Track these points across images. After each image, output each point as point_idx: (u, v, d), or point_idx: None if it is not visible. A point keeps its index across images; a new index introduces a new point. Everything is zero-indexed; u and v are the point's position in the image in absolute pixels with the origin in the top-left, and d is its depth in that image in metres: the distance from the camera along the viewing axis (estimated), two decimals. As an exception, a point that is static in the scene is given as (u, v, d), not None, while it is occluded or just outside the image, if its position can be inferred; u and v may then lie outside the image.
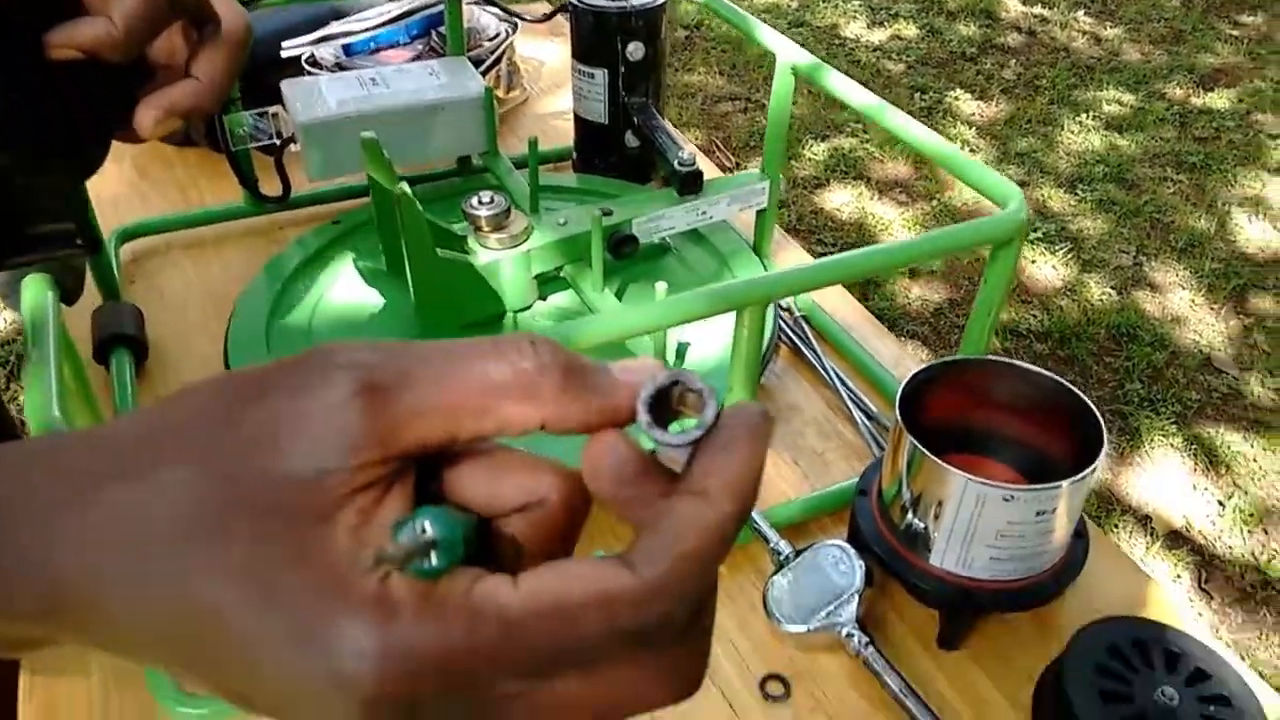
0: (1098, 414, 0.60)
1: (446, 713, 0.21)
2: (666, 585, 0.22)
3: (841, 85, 0.76)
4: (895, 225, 2.50)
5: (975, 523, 0.58)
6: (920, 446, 0.59)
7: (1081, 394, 0.62)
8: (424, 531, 0.21)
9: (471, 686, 0.21)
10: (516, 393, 0.23)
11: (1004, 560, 0.59)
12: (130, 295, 0.91)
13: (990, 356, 0.65)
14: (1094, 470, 0.57)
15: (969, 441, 0.68)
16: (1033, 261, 2.38)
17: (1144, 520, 1.78)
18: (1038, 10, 3.68)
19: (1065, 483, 0.56)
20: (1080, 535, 0.64)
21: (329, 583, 0.20)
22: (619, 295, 0.85)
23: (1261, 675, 1.55)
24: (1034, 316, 2.22)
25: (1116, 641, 0.58)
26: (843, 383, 0.84)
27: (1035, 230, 2.47)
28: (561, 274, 0.84)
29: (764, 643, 0.64)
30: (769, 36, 0.83)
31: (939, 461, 0.58)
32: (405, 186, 0.71)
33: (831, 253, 2.47)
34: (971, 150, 2.80)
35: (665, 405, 0.26)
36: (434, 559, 0.21)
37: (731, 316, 0.58)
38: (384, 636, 0.20)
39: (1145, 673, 0.57)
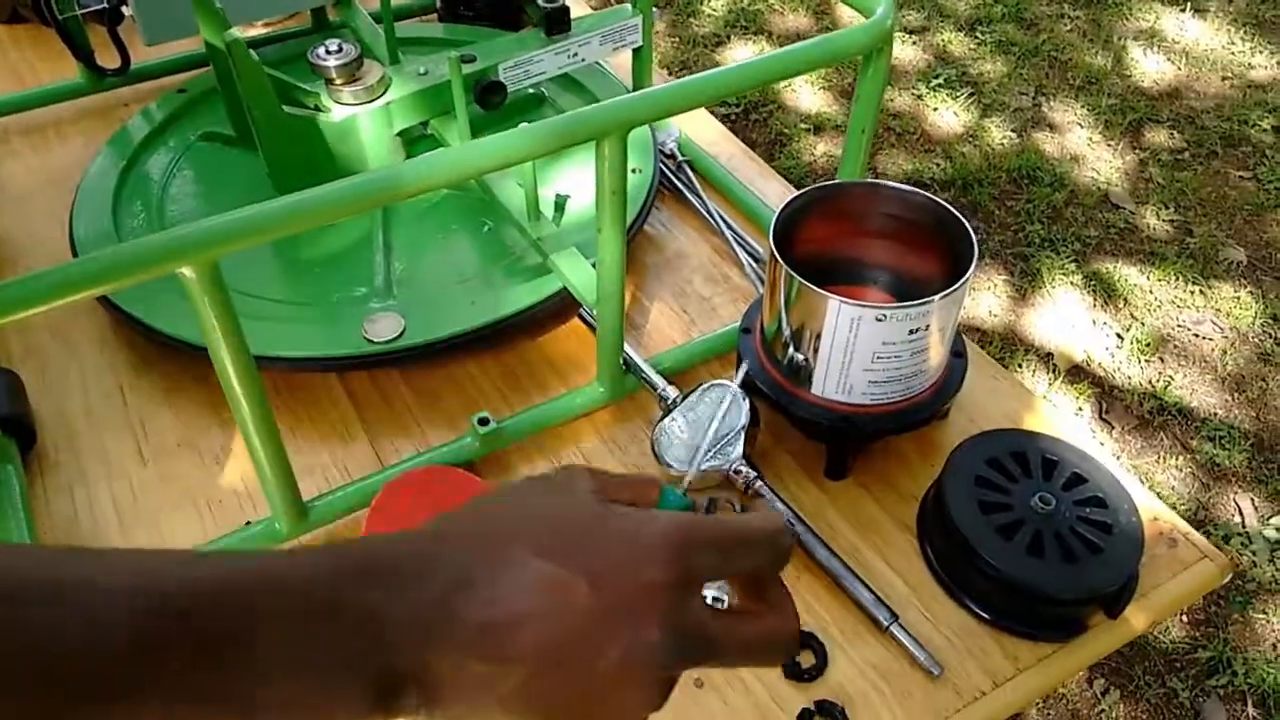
0: (968, 227, 0.59)
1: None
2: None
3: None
4: (799, 81, 2.45)
5: (851, 347, 0.57)
6: (794, 274, 0.57)
7: (952, 208, 0.61)
8: None
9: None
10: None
11: (882, 383, 0.59)
12: (-35, 188, 0.84)
13: (862, 180, 0.64)
14: (964, 283, 0.57)
15: (847, 271, 0.67)
16: (934, 109, 2.36)
17: (1046, 357, 1.82)
18: None
19: (936, 298, 0.55)
20: (959, 354, 0.64)
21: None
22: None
23: (1159, 497, 1.63)
24: (936, 165, 2.22)
25: (995, 454, 0.59)
26: (729, 226, 0.82)
27: (936, 76, 2.45)
28: (429, 130, 0.80)
29: (656, 488, 0.63)
30: None
31: (812, 287, 0.56)
32: (235, 33, 0.65)
33: (735, 113, 2.42)
34: (872, -1, 2.74)
35: None
36: None
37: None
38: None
39: (1023, 481, 0.58)
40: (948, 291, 0.56)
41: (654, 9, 0.84)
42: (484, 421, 0.63)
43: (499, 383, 0.71)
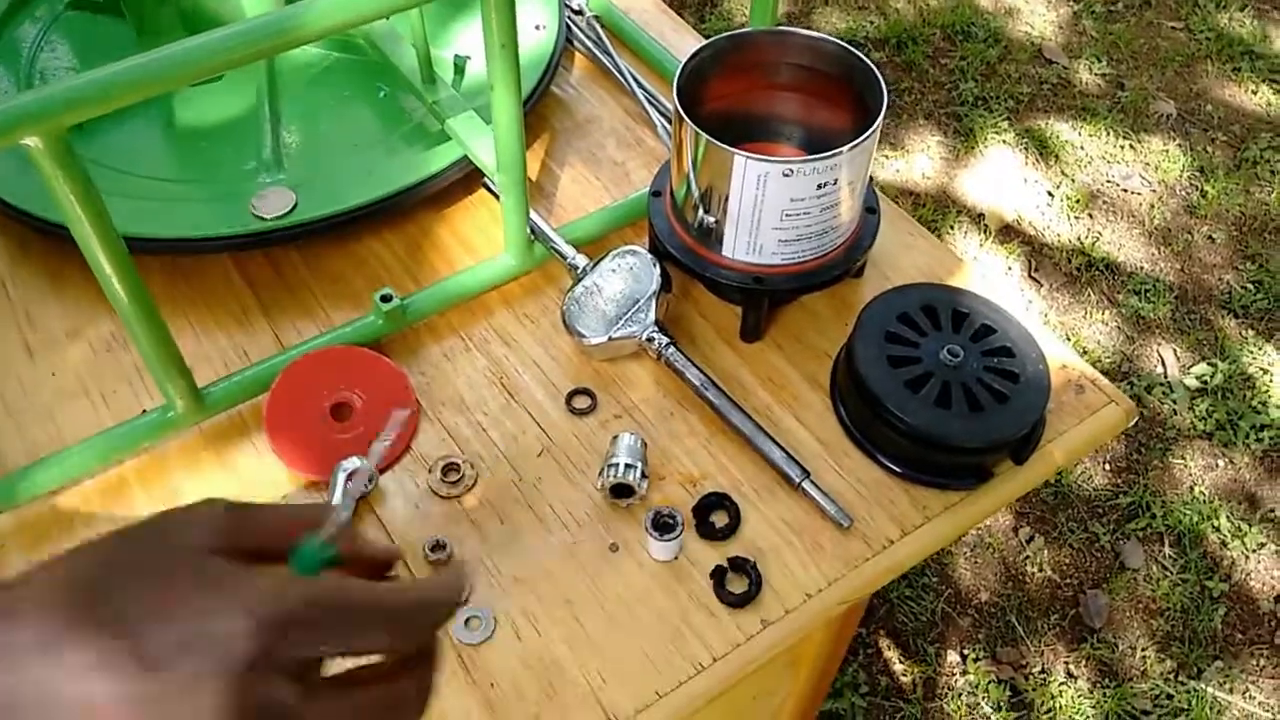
0: (878, 75, 0.57)
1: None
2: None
3: None
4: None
5: (760, 205, 0.56)
6: (700, 131, 0.55)
7: (863, 57, 0.58)
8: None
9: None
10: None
11: (792, 241, 0.57)
12: None
13: (770, 29, 0.61)
14: (873, 134, 0.55)
15: (759, 131, 0.65)
16: (869, -36, 2.29)
17: (978, 218, 1.83)
18: None
19: (844, 149, 0.53)
20: (872, 210, 0.63)
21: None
22: None
23: (1084, 351, 1.66)
24: (871, 23, 2.16)
25: (905, 309, 0.59)
26: (641, 86, 0.78)
27: (871, -71, 2.37)
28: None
29: (569, 359, 0.62)
30: None
31: (717, 144, 0.54)
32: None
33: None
34: None
35: None
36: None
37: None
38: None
39: (933, 334, 0.58)
40: (855, 143, 0.54)
41: None
42: (386, 299, 0.61)
43: (404, 258, 0.68)
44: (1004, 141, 1.96)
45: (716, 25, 2.15)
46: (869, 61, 0.58)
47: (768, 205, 0.56)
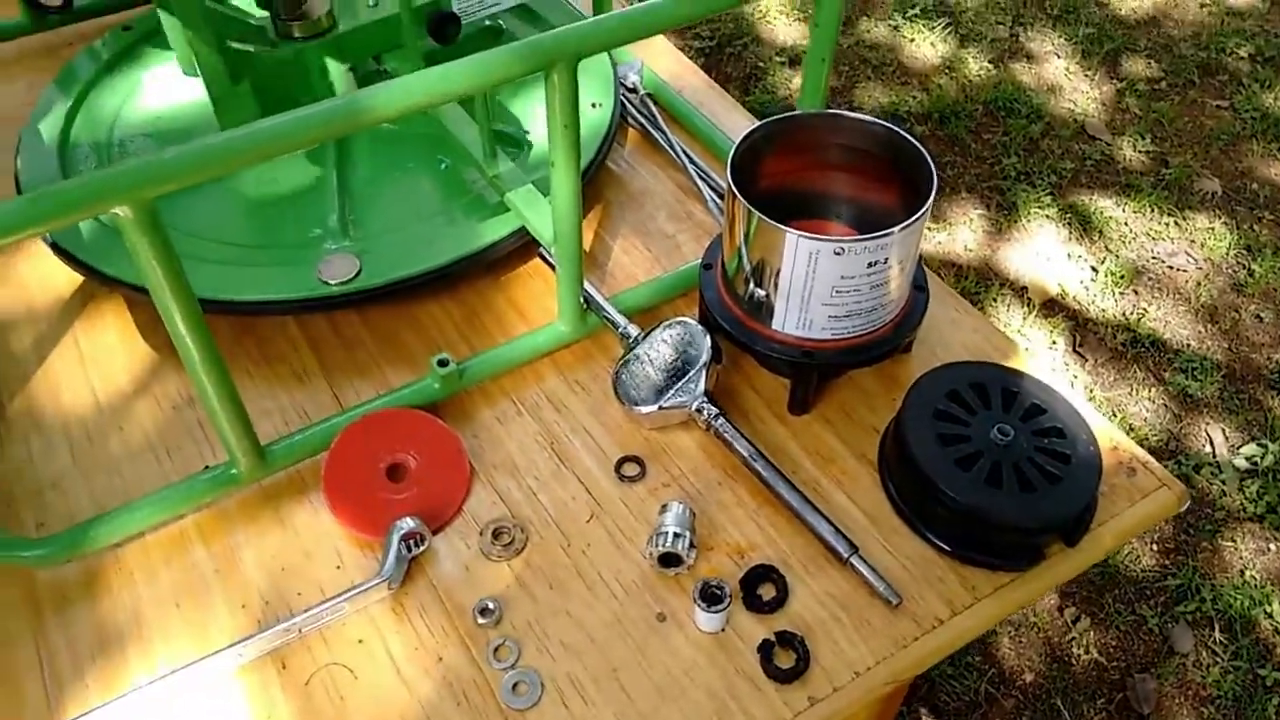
0: (928, 157, 0.58)
1: None
2: None
3: None
4: (772, 11, 2.41)
5: (810, 281, 0.57)
6: (751, 208, 0.56)
7: (913, 140, 0.60)
8: None
9: None
10: None
11: (842, 318, 0.58)
12: (-94, 132, 0.81)
13: (821, 110, 0.63)
14: (923, 215, 0.56)
15: (808, 205, 0.66)
16: (911, 40, 2.33)
17: (1021, 291, 1.83)
18: None
19: (895, 230, 0.55)
20: (920, 288, 0.64)
21: None
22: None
23: (1130, 429, 1.64)
24: (914, 98, 2.19)
25: (954, 386, 0.59)
26: (692, 161, 0.80)
27: (913, 6, 2.41)
28: (384, 66, 0.78)
29: (619, 427, 0.63)
30: None
31: (769, 221, 0.56)
32: (174, -32, 0.62)
33: (709, 47, 2.37)
34: (849, -73, 2.68)
35: None
36: None
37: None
38: None
39: (982, 413, 0.58)
40: (906, 223, 0.55)
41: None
42: (444, 363, 0.63)
43: (460, 323, 0.70)
44: (1047, 216, 1.96)
45: (761, 98, 2.19)
46: (919, 144, 0.60)
47: (819, 282, 0.57)
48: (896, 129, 0.60)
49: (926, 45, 2.34)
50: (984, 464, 0.55)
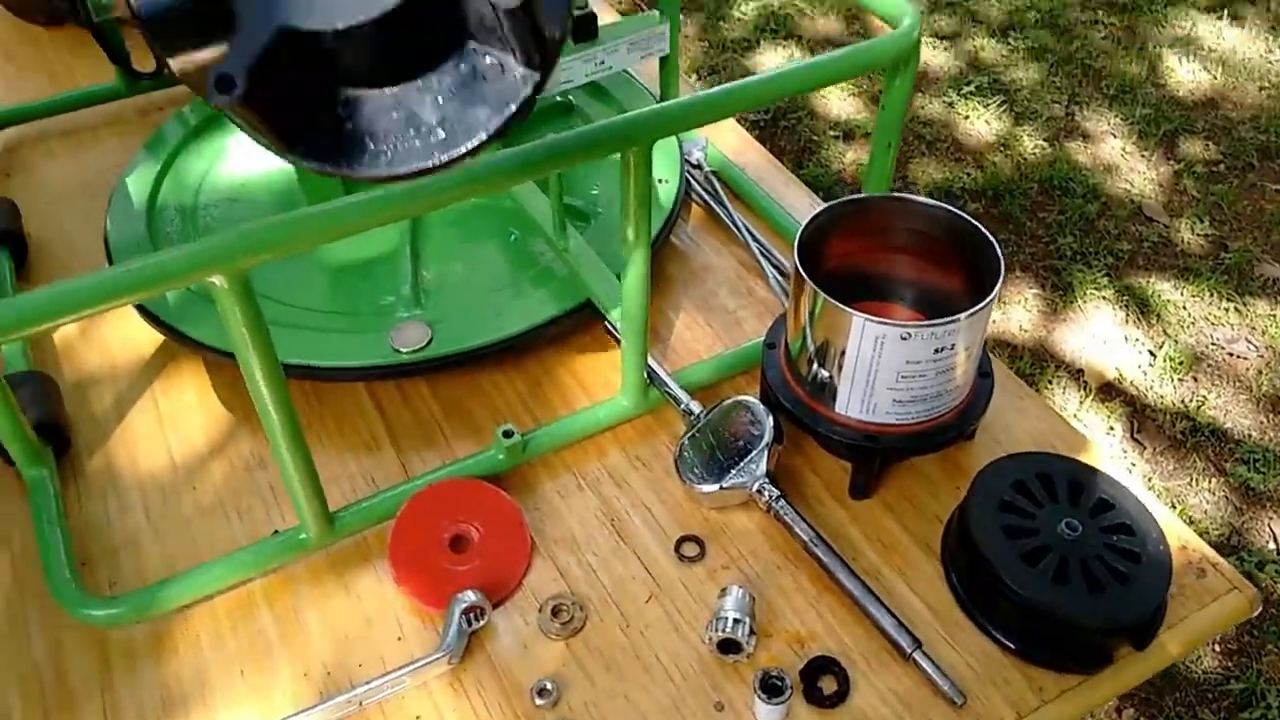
0: (995, 244, 0.59)
1: None
2: None
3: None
4: (827, 87, 2.45)
5: (876, 365, 0.57)
6: (818, 290, 0.57)
7: (978, 225, 0.60)
8: None
9: None
10: None
11: (907, 403, 0.58)
12: (4, 189, 0.85)
13: (888, 194, 0.63)
14: (990, 302, 0.56)
15: (872, 287, 0.66)
16: (965, 117, 2.35)
17: (1077, 374, 1.80)
18: None
19: (962, 316, 0.55)
20: (985, 374, 0.63)
21: None
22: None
23: (1190, 520, 1.60)
24: (968, 175, 2.20)
25: (1021, 477, 0.59)
26: (754, 238, 0.81)
27: (968, 83, 2.43)
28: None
29: (679, 506, 0.63)
30: None
31: (836, 304, 0.56)
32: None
33: (764, 119, 2.41)
34: (905, 6, 2.72)
35: None
36: None
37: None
38: None
39: (1049, 506, 0.57)
40: (973, 310, 0.55)
41: (682, 14, 0.84)
42: (509, 434, 0.63)
43: (523, 393, 0.71)
44: (1104, 298, 1.94)
45: (815, 171, 2.22)
46: (985, 230, 0.60)
47: (884, 366, 0.57)
48: (963, 215, 0.61)
49: (981, 122, 2.35)
50: (1051, 559, 0.54)
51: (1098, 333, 1.88)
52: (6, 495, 0.64)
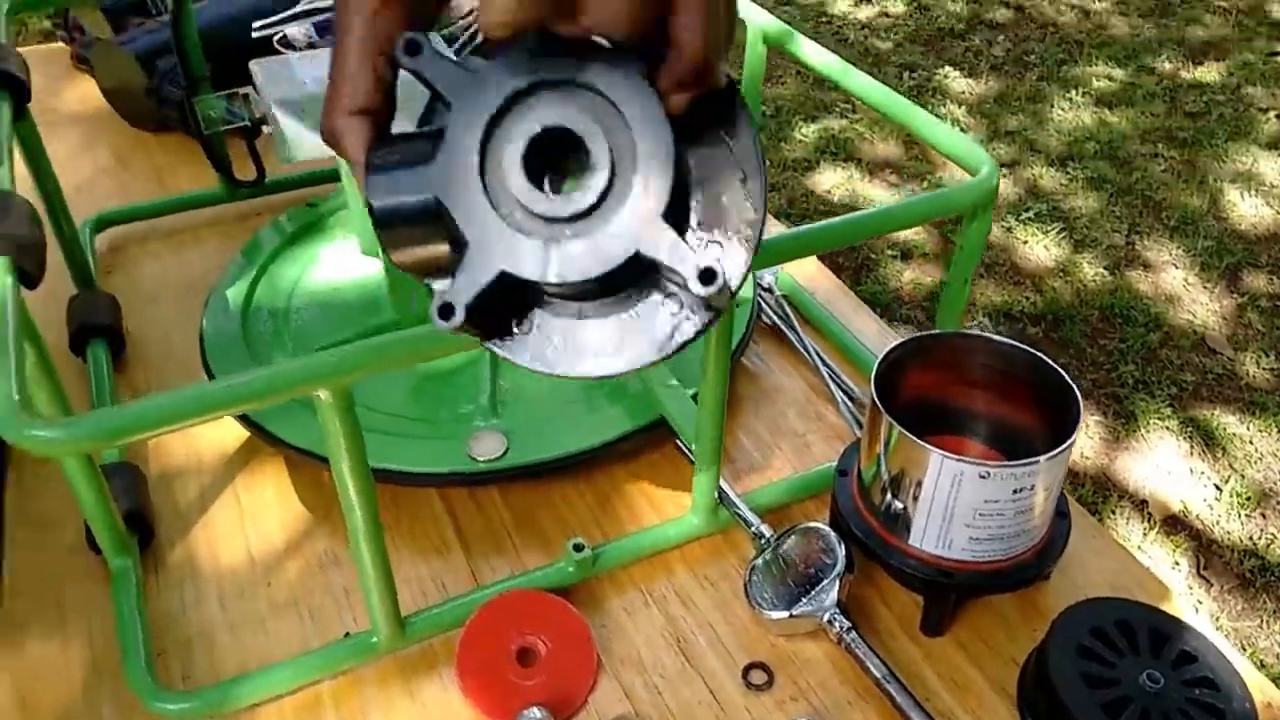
0: (1074, 387, 0.59)
1: None
2: None
3: (810, 51, 0.75)
4: (887, 207, 2.49)
5: (953, 502, 0.57)
6: (895, 424, 0.58)
7: (1057, 367, 0.61)
8: None
9: None
10: None
11: (984, 540, 0.58)
12: (108, 285, 0.90)
13: (965, 331, 0.64)
14: (1070, 445, 0.56)
15: (947, 419, 0.67)
16: (1024, 242, 2.37)
17: (1141, 505, 1.77)
18: (1030, -12, 3.65)
19: (1042, 458, 0.55)
20: (1063, 514, 0.63)
21: None
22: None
23: (1261, 664, 1.54)
24: (1026, 299, 2.20)
25: (1100, 624, 0.58)
26: (824, 363, 0.83)
27: (1027, 210, 2.46)
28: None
29: (746, 630, 0.63)
30: (740, 5, 0.82)
31: (914, 439, 0.57)
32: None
33: (823, 236, 2.45)
34: (961, 129, 2.78)
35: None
36: None
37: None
38: None
39: (1130, 656, 0.56)
40: (1054, 453, 0.56)
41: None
42: (579, 548, 0.64)
43: (593, 506, 0.72)
44: (1167, 428, 1.92)
45: (872, 288, 2.24)
46: (1063, 371, 0.61)
47: (961, 503, 0.57)
48: (1041, 355, 0.62)
49: (1040, 248, 2.37)
50: (1133, 711, 0.53)
51: (1162, 464, 1.85)
52: (90, 581, 0.65)
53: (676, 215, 0.34)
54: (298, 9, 1.03)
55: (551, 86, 0.33)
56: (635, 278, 0.35)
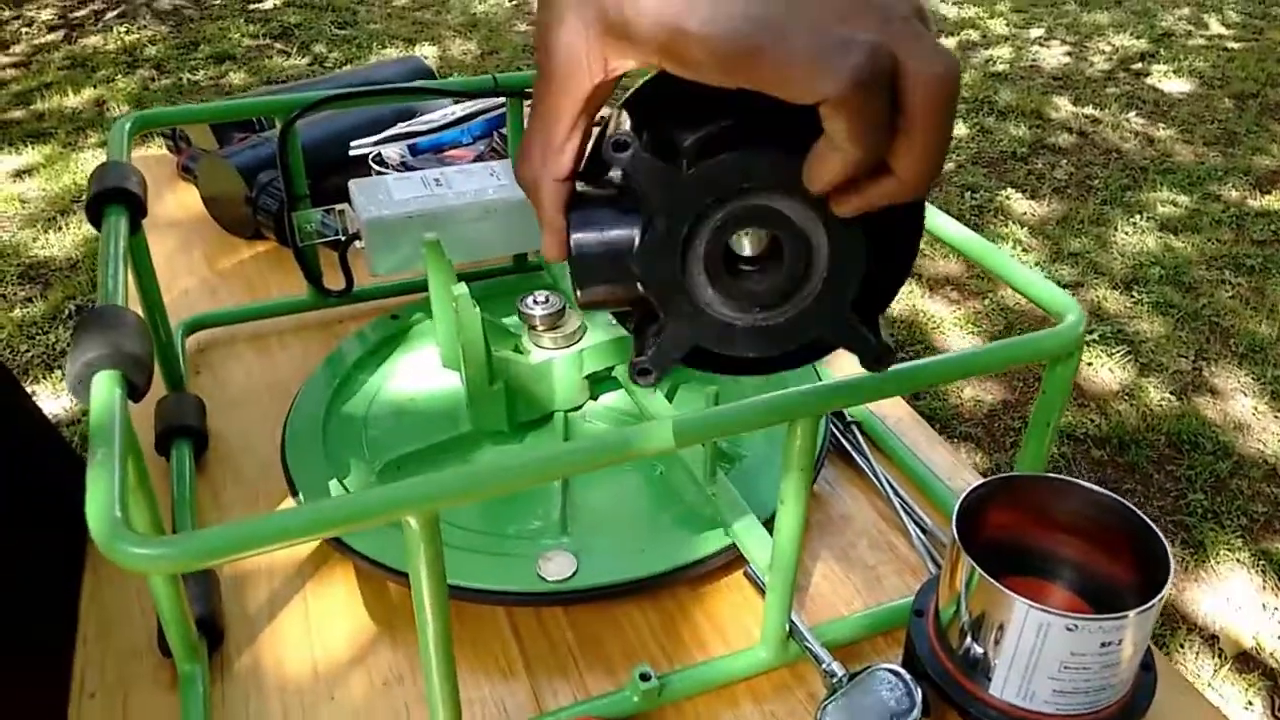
0: (1163, 539, 0.58)
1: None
2: None
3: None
4: (947, 324, 2.48)
5: (1037, 652, 0.55)
6: (980, 570, 0.57)
7: (1145, 517, 0.59)
8: None
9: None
10: None
11: (1068, 693, 0.56)
12: (194, 386, 0.93)
13: (1049, 474, 0.64)
14: (1160, 600, 0.55)
15: (1027, 560, 0.66)
16: (1089, 364, 2.34)
17: (1211, 640, 1.69)
18: (1089, 111, 3.69)
19: (1132, 613, 0.53)
20: (1148, 667, 0.61)
21: None
22: (669, 394, 0.85)
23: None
24: (1091, 421, 2.17)
25: (1192, 788, 0.55)
26: (896, 493, 0.82)
27: (1091, 332, 2.44)
28: (614, 373, 0.84)
29: (814, 770, 0.61)
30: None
31: (999, 586, 0.56)
32: (464, 288, 0.72)
33: (882, 350, 2.45)
34: (1024, 250, 2.79)
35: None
36: None
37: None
38: None
39: (1224, 825, 0.53)
40: (1145, 607, 0.54)
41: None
42: (646, 677, 0.63)
43: (658, 630, 0.71)
44: (1238, 560, 1.85)
45: (931, 404, 2.22)
46: (1150, 523, 0.59)
47: (1046, 654, 0.56)
48: (1127, 504, 0.61)
49: (1105, 370, 2.34)
50: None
51: (1233, 597, 1.78)
52: (158, 686, 0.66)
53: (863, 306, 0.40)
54: (393, 131, 1.08)
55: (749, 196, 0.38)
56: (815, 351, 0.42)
